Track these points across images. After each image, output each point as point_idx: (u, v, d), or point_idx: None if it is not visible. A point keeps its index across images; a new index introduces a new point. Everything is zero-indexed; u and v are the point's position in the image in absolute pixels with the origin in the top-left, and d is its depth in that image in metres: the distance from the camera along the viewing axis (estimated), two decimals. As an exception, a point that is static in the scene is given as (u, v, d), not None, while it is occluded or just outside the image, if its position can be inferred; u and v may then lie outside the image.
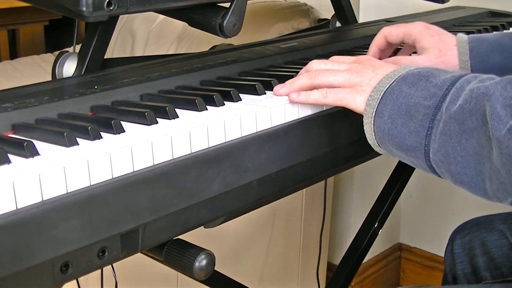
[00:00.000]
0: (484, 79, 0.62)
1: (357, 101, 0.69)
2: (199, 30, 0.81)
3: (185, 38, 1.42)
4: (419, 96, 0.64)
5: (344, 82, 0.70)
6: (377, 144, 0.69)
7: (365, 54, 0.94)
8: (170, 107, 0.65)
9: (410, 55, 0.93)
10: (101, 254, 0.54)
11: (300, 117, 0.71)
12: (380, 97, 0.66)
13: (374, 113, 0.67)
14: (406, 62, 0.82)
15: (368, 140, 0.69)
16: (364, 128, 0.68)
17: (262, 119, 0.67)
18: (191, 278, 0.65)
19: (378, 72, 0.70)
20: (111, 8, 0.68)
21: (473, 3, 1.45)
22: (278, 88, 0.73)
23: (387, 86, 0.67)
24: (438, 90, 0.63)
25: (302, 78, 0.73)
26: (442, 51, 0.85)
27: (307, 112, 0.72)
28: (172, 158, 0.59)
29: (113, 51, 1.56)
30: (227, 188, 0.62)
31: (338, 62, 0.74)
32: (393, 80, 0.67)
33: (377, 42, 0.90)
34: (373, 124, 0.67)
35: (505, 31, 1.20)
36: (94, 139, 0.58)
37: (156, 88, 0.75)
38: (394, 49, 0.94)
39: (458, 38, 0.87)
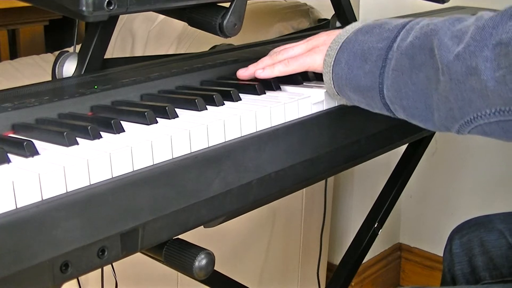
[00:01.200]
0: (433, 19, 0.66)
1: (317, 61, 0.74)
2: (199, 30, 0.82)
3: (185, 38, 1.42)
4: (373, 41, 0.68)
5: (302, 51, 0.77)
6: (335, 92, 0.72)
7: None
8: (170, 107, 0.65)
9: None
10: (101, 253, 0.54)
11: (300, 116, 0.71)
12: (338, 47, 0.71)
13: (332, 62, 0.71)
14: None
15: (327, 89, 0.73)
16: (324, 78, 0.73)
17: (262, 118, 0.67)
18: (191, 278, 0.65)
19: (332, 34, 0.75)
20: (111, 8, 0.68)
21: (473, 3, 1.45)
22: (243, 71, 0.79)
23: (345, 37, 0.71)
24: (390, 33, 0.68)
25: (265, 60, 0.79)
26: None
27: (307, 111, 0.72)
28: (172, 158, 0.59)
29: (113, 51, 1.56)
30: (227, 187, 0.62)
31: (296, 44, 0.80)
32: (350, 32, 0.72)
33: None
34: (332, 72, 0.71)
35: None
36: (94, 138, 0.58)
37: (156, 88, 0.75)
38: None
39: None
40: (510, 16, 0.57)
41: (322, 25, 1.31)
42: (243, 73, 0.79)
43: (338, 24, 1.22)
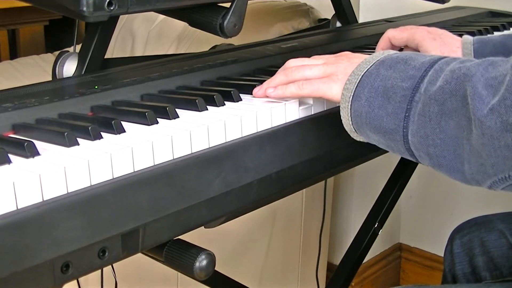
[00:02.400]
0: (464, 60, 0.61)
1: (333, 90, 0.68)
2: (199, 30, 0.81)
3: (185, 38, 1.42)
4: (397, 78, 0.63)
5: (319, 74, 0.70)
6: (353, 130, 0.68)
7: (364, 54, 0.94)
8: (170, 107, 0.65)
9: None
10: (101, 254, 0.54)
11: (300, 117, 0.71)
12: (357, 81, 0.66)
13: (351, 97, 0.66)
14: None
15: (344, 125, 0.68)
16: (341, 113, 0.68)
17: (263, 119, 0.67)
18: (191, 278, 0.65)
19: (354, 61, 0.69)
20: (111, 8, 0.68)
21: (473, 3, 1.45)
22: (257, 90, 0.73)
23: (365, 70, 0.66)
24: (417, 72, 0.63)
25: (279, 76, 0.73)
26: (445, 53, 0.86)
27: (307, 112, 0.72)
28: (172, 158, 0.59)
29: (113, 51, 1.56)
30: (228, 188, 0.62)
31: (315, 59, 0.74)
32: (371, 64, 0.67)
33: (382, 45, 0.92)
34: (350, 109, 0.66)
35: (505, 31, 1.20)
36: (94, 139, 0.58)
37: (157, 88, 0.75)
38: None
39: (463, 39, 0.88)
40: None
41: (322, 25, 1.31)
42: (257, 92, 0.73)
43: (338, 24, 1.22)
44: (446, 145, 0.59)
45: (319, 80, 0.69)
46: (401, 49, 0.96)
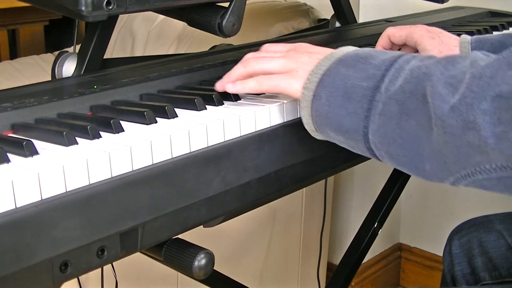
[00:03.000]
0: (423, 58, 0.61)
1: (293, 87, 0.67)
2: (199, 30, 0.82)
3: (185, 38, 1.42)
4: (357, 78, 0.63)
5: (279, 68, 0.69)
6: (314, 129, 0.67)
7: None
8: (169, 107, 0.65)
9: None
10: (100, 253, 0.54)
11: (299, 116, 0.71)
12: (318, 80, 0.65)
13: (312, 96, 0.65)
14: None
15: (305, 125, 0.68)
16: (301, 113, 0.67)
17: (261, 118, 0.67)
18: (191, 278, 0.65)
19: (314, 57, 0.68)
20: (110, 7, 0.68)
21: (473, 3, 1.45)
22: (218, 84, 0.72)
23: (325, 68, 0.65)
24: (376, 71, 0.62)
25: (238, 68, 0.72)
26: (443, 53, 0.86)
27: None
28: (171, 157, 0.59)
29: (113, 51, 1.56)
30: (227, 187, 0.62)
31: (273, 51, 0.73)
32: (331, 62, 0.65)
33: (382, 42, 0.93)
34: (311, 108, 0.65)
35: (504, 31, 1.20)
36: (93, 138, 0.58)
37: (156, 88, 0.75)
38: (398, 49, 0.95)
39: (461, 39, 0.88)
40: (509, 64, 0.53)
41: (322, 25, 1.31)
42: (217, 87, 0.72)
43: (337, 24, 1.22)
44: (406, 144, 0.59)
45: (278, 76, 0.69)
46: (399, 48, 0.96)
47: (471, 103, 0.53)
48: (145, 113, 0.63)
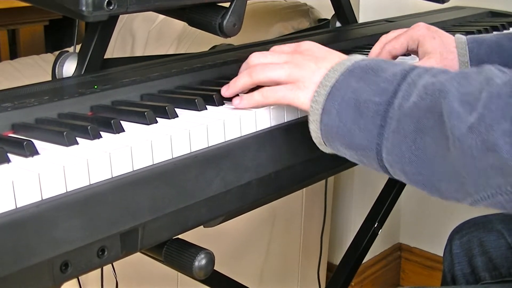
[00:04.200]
0: (436, 73, 0.59)
1: (300, 99, 0.65)
2: (199, 30, 0.82)
3: (185, 38, 1.42)
4: (368, 91, 0.61)
5: (285, 78, 0.67)
6: (323, 143, 0.65)
7: (364, 54, 0.94)
8: (169, 107, 0.65)
9: (409, 54, 0.92)
10: (100, 253, 0.54)
11: (299, 116, 0.71)
12: (327, 93, 0.63)
13: (321, 110, 0.63)
14: None
15: (313, 138, 0.66)
16: (310, 126, 0.65)
17: (262, 118, 0.67)
18: (191, 278, 0.65)
19: (321, 66, 0.66)
20: (111, 7, 0.68)
21: (473, 3, 1.45)
22: (224, 90, 0.71)
23: (334, 80, 0.63)
24: (388, 85, 0.60)
25: (243, 77, 0.70)
26: (444, 55, 0.84)
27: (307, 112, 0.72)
28: (171, 158, 0.59)
29: (113, 51, 1.56)
30: (227, 187, 0.62)
31: (278, 54, 0.71)
32: (340, 73, 0.63)
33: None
34: (320, 122, 0.63)
35: (504, 31, 1.20)
36: (93, 138, 0.58)
37: (156, 88, 0.75)
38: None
39: (456, 39, 0.86)
40: None
41: (322, 25, 1.31)
42: (225, 93, 0.71)
43: (338, 24, 1.22)
44: (422, 163, 0.57)
45: (284, 88, 0.67)
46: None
47: (490, 124, 0.51)
48: (145, 113, 0.63)
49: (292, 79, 0.67)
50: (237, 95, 0.71)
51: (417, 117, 0.57)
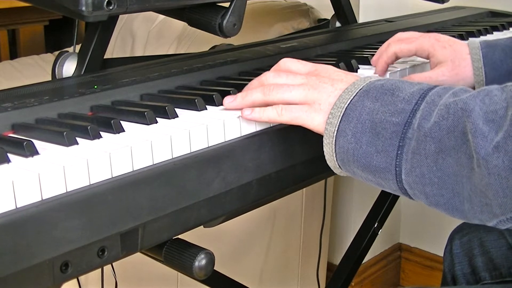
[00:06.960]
0: (456, 91, 0.58)
1: (315, 121, 0.64)
2: (199, 30, 0.82)
3: (185, 38, 1.42)
4: (385, 112, 0.59)
5: (300, 99, 0.65)
6: (338, 166, 0.64)
7: (364, 54, 0.94)
8: (169, 107, 0.65)
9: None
10: (100, 253, 0.54)
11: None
12: (341, 114, 0.61)
13: (335, 132, 0.61)
14: (419, 80, 0.80)
15: (327, 161, 0.64)
16: (324, 149, 0.63)
17: (262, 118, 0.67)
18: (191, 278, 0.65)
19: (337, 87, 0.64)
20: (110, 7, 0.68)
21: (473, 3, 1.45)
22: (229, 100, 0.68)
23: (348, 101, 0.62)
24: (407, 105, 0.59)
25: (256, 93, 0.67)
26: (456, 62, 0.83)
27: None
28: (171, 158, 0.59)
29: (113, 51, 1.56)
30: (227, 187, 0.62)
31: (294, 74, 0.68)
32: (354, 94, 0.62)
33: (387, 59, 0.86)
34: (335, 145, 0.62)
35: (505, 31, 1.20)
36: (93, 138, 0.58)
37: (156, 88, 0.75)
38: None
39: (470, 44, 0.85)
40: None
41: (322, 25, 1.31)
42: (230, 103, 0.68)
43: (338, 24, 1.22)
44: (444, 184, 0.56)
45: (299, 108, 0.65)
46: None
47: None
48: (145, 113, 0.63)
49: (307, 100, 0.65)
50: None
51: (438, 137, 0.55)
